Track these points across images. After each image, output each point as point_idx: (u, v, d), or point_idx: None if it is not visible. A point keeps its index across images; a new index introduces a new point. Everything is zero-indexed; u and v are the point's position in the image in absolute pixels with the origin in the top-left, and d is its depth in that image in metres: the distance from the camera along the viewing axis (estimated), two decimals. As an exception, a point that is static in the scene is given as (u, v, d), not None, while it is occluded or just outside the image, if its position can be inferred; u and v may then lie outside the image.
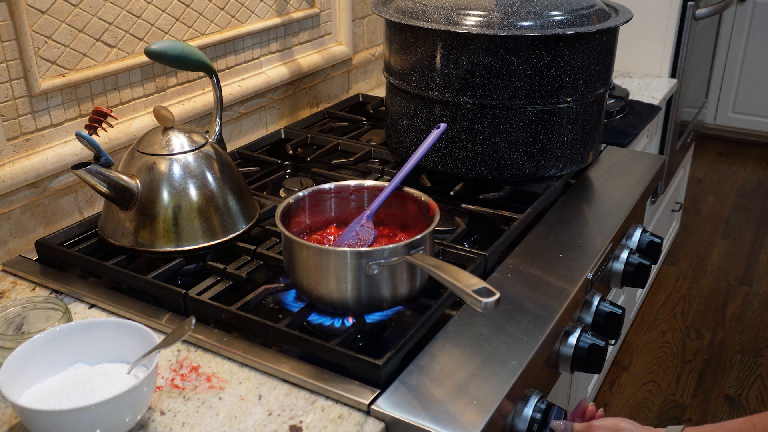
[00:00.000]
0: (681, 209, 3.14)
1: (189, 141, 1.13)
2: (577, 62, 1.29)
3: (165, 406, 0.87)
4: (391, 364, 0.89)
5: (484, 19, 1.26)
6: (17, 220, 1.18)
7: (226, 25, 1.51)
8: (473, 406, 0.85)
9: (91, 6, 1.22)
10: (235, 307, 0.99)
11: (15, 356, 0.82)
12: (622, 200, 1.38)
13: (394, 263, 0.93)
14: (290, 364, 0.92)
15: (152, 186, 1.09)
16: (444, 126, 1.14)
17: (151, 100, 1.38)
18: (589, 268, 1.15)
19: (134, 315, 1.02)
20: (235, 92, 1.54)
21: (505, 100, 1.28)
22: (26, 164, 1.16)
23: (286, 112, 1.76)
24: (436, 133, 1.13)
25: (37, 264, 1.14)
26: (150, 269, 1.09)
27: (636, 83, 2.26)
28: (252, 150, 1.54)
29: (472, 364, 0.92)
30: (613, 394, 2.39)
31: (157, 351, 0.84)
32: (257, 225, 1.20)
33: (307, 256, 0.97)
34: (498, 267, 1.14)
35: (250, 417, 0.85)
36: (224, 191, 1.14)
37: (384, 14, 1.36)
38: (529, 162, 1.34)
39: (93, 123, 1.05)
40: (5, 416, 0.85)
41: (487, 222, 1.30)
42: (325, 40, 1.83)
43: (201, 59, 1.19)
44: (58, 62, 1.19)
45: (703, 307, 2.88)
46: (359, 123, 1.74)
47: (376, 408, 0.85)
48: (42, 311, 0.96)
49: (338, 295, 0.95)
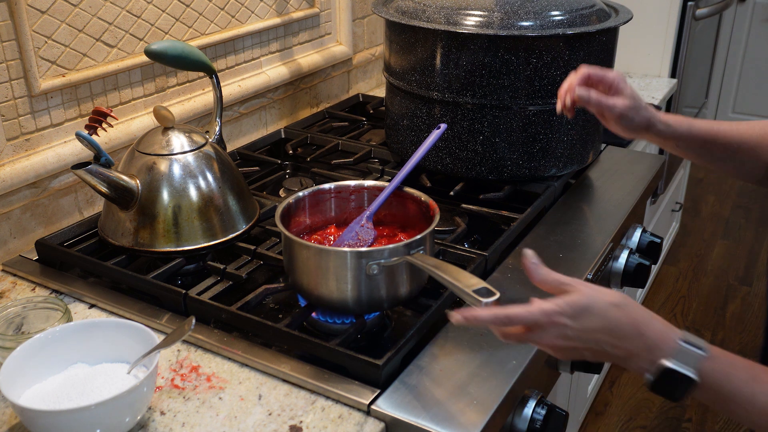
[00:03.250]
0: (681, 209, 3.14)
1: (189, 141, 1.13)
2: (577, 62, 1.29)
3: (165, 406, 0.87)
4: (391, 364, 0.89)
5: (484, 19, 1.26)
6: (17, 220, 1.18)
7: (226, 25, 1.51)
8: (473, 406, 0.85)
9: (91, 6, 1.22)
10: (235, 307, 0.99)
11: (15, 356, 0.82)
12: (622, 200, 1.38)
13: (393, 263, 0.93)
14: (290, 364, 0.92)
15: (152, 186, 1.09)
16: (444, 126, 1.14)
17: (151, 100, 1.38)
18: (589, 268, 1.15)
19: (134, 315, 1.02)
20: (235, 92, 1.54)
21: (505, 100, 1.28)
22: (26, 164, 1.16)
23: (286, 112, 1.76)
24: (437, 134, 1.13)
25: (37, 264, 1.14)
26: (150, 269, 1.09)
27: (636, 83, 2.26)
28: (252, 150, 1.54)
29: (472, 364, 0.92)
30: (613, 394, 2.39)
31: (157, 351, 0.84)
32: (257, 225, 1.20)
33: (307, 256, 0.97)
34: (498, 267, 1.14)
35: (250, 417, 0.85)
36: (224, 191, 1.14)
37: (384, 14, 1.36)
38: (529, 162, 1.34)
39: (93, 123, 1.05)
40: (5, 416, 0.85)
41: (487, 222, 1.30)
42: (325, 40, 1.83)
43: (201, 59, 1.19)
44: (58, 62, 1.19)
45: (703, 307, 2.88)
46: (359, 123, 1.73)
47: (376, 408, 0.85)
48: (42, 311, 0.96)
49: (338, 295, 0.95)
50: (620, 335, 0.73)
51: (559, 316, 0.73)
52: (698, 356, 0.70)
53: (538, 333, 0.75)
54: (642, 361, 0.72)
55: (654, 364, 0.71)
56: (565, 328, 0.73)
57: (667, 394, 0.71)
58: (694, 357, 0.70)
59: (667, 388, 0.71)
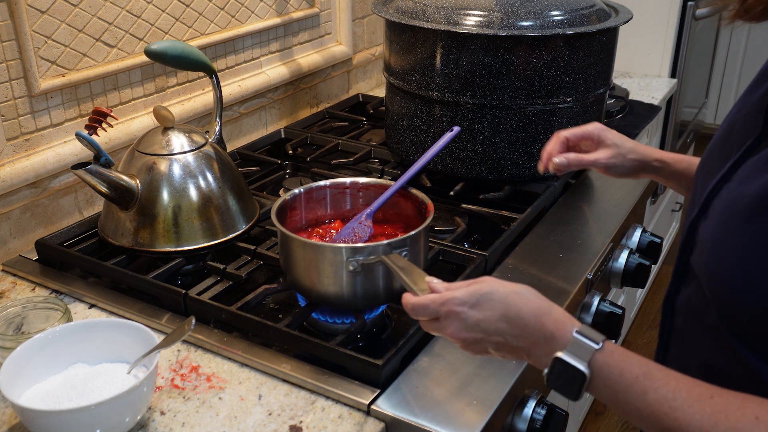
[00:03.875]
0: (681, 209, 3.14)
1: (189, 141, 1.13)
2: (577, 62, 1.29)
3: (165, 406, 0.87)
4: (391, 364, 0.89)
5: (484, 19, 1.26)
6: (17, 220, 1.18)
7: (226, 25, 1.51)
8: (473, 406, 0.85)
9: (91, 6, 1.22)
10: (235, 307, 0.99)
11: (15, 356, 0.82)
12: (622, 200, 1.38)
13: (371, 262, 0.93)
14: (290, 364, 0.92)
15: (152, 186, 1.09)
16: (458, 129, 1.12)
17: (151, 100, 1.38)
18: (589, 268, 1.15)
19: (134, 315, 1.02)
20: (235, 92, 1.54)
21: (505, 100, 1.28)
22: (26, 164, 1.16)
23: (286, 112, 1.76)
24: (449, 136, 1.11)
25: (37, 264, 1.14)
26: (150, 269, 1.09)
27: (636, 83, 2.26)
28: (252, 150, 1.54)
29: (472, 364, 0.92)
30: (613, 394, 2.39)
31: (157, 351, 0.84)
32: (257, 225, 1.20)
33: (298, 251, 0.97)
34: (498, 267, 1.14)
35: (250, 417, 0.85)
36: (224, 191, 1.14)
37: (384, 14, 1.36)
38: (529, 162, 1.34)
39: (93, 123, 1.05)
40: (5, 416, 0.85)
41: (487, 222, 1.30)
42: (325, 40, 1.83)
43: (201, 59, 1.19)
44: (58, 62, 1.19)
45: (703, 307, 2.87)
46: (359, 123, 1.73)
47: (376, 408, 0.85)
48: (42, 311, 0.96)
49: (332, 289, 0.96)
50: (521, 324, 0.71)
51: (459, 305, 0.73)
52: (591, 349, 0.67)
53: (442, 323, 0.75)
54: (541, 353, 0.71)
55: (550, 356, 0.69)
56: (466, 318, 0.73)
57: (564, 390, 0.69)
58: (588, 350, 0.67)
59: (561, 383, 0.68)
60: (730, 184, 0.69)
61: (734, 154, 0.71)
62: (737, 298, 0.64)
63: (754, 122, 0.71)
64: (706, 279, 0.69)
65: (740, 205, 0.65)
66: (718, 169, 0.73)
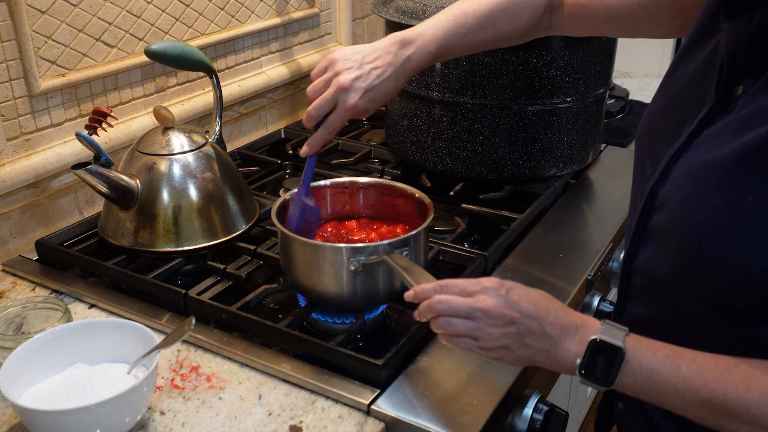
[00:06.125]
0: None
1: (189, 141, 1.13)
2: (577, 62, 1.29)
3: (165, 406, 0.87)
4: (391, 364, 0.89)
5: (484, 19, 1.26)
6: (17, 220, 1.18)
7: (226, 25, 1.51)
8: (473, 406, 0.85)
9: (91, 6, 1.22)
10: (235, 307, 0.99)
11: (15, 356, 0.82)
12: (622, 200, 1.38)
13: (372, 262, 0.93)
14: (290, 364, 0.92)
15: (152, 186, 1.09)
16: None
17: (151, 100, 1.38)
18: (589, 268, 1.15)
19: (134, 315, 1.02)
20: (235, 92, 1.54)
21: (505, 100, 1.28)
22: (26, 164, 1.16)
23: (286, 112, 1.76)
24: None
25: (37, 264, 1.14)
26: (150, 269, 1.09)
27: (636, 83, 2.26)
28: (252, 150, 1.54)
29: (472, 364, 0.92)
30: (613, 394, 2.39)
31: (157, 351, 0.84)
32: (257, 225, 1.20)
33: (295, 249, 0.97)
34: (498, 267, 1.14)
35: (250, 417, 0.85)
36: (224, 191, 1.14)
37: (384, 14, 1.36)
38: (529, 162, 1.34)
39: (93, 123, 1.05)
40: (5, 416, 0.85)
41: (487, 222, 1.30)
42: (325, 40, 1.83)
43: (201, 59, 1.19)
44: (58, 62, 1.19)
45: (703, 307, 2.87)
46: (359, 123, 1.74)
47: (376, 408, 0.85)
48: (42, 311, 0.96)
49: (332, 289, 0.96)
50: (553, 313, 0.74)
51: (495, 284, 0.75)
52: (622, 332, 0.72)
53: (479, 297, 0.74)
54: (570, 343, 0.73)
55: (583, 342, 0.72)
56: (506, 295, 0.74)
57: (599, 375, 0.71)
58: (619, 333, 0.72)
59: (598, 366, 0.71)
60: (690, 153, 0.73)
61: (689, 124, 0.75)
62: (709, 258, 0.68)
63: (703, 93, 0.75)
64: (676, 241, 0.72)
65: (711, 174, 0.69)
66: (670, 136, 0.77)
